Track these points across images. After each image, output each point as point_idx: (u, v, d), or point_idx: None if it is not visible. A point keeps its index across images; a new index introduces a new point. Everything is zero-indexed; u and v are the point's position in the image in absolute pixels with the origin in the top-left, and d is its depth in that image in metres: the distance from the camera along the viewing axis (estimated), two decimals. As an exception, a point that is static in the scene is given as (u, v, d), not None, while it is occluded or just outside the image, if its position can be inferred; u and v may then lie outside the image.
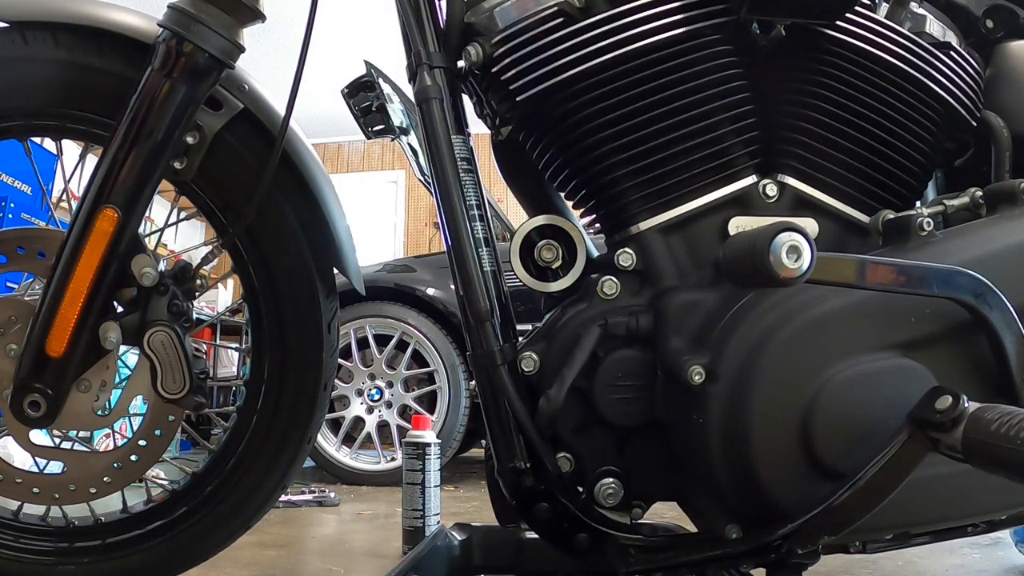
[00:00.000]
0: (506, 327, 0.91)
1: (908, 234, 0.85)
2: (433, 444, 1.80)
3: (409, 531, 1.76)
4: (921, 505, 0.81)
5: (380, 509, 2.51)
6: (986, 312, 0.78)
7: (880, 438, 0.74)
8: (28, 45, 1.04)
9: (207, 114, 1.06)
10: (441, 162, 0.90)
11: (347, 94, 3.25)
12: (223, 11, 1.00)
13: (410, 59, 0.95)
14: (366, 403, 3.21)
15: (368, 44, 4.76)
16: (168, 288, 1.04)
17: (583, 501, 0.89)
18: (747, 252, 0.74)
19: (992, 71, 1.03)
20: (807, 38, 0.90)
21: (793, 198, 0.90)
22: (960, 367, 0.81)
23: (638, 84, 0.87)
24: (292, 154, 1.11)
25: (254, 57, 1.78)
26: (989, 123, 0.99)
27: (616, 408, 0.87)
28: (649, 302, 0.89)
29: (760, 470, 0.78)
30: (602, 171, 0.90)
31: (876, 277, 0.76)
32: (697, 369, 0.80)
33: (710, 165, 0.89)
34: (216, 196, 1.12)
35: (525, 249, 0.94)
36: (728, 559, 0.84)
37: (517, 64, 0.90)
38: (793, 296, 0.80)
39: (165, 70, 0.99)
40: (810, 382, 0.78)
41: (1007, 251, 0.84)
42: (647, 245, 0.89)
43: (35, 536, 1.10)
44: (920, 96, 0.92)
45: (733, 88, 0.89)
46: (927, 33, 0.95)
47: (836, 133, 0.90)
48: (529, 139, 0.96)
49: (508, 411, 0.88)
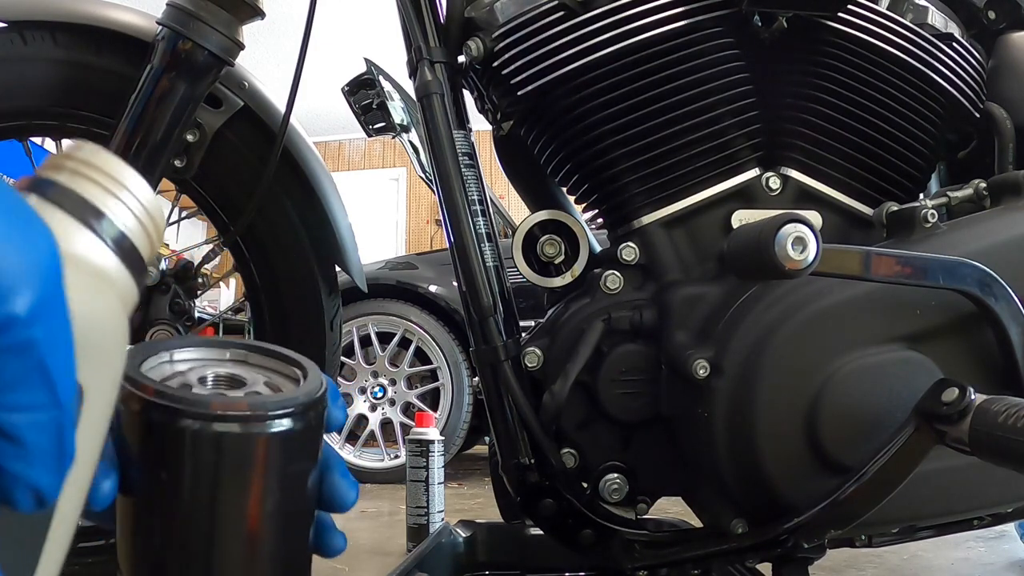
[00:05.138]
0: (509, 323, 0.91)
1: (912, 226, 0.85)
2: (436, 441, 1.80)
3: (413, 528, 1.76)
4: (927, 498, 0.80)
5: (384, 507, 2.51)
6: (991, 303, 0.78)
7: (886, 431, 0.74)
8: (27, 45, 1.04)
9: (207, 112, 1.06)
10: (442, 157, 0.90)
11: (347, 92, 3.25)
12: (223, 8, 1.00)
13: (410, 55, 0.95)
14: (369, 401, 3.22)
15: (368, 41, 4.75)
16: (170, 287, 1.04)
17: (588, 497, 0.88)
18: (752, 244, 0.73)
19: (994, 62, 1.03)
20: (809, 30, 0.90)
21: (796, 191, 0.90)
22: (966, 359, 0.81)
23: (640, 78, 0.87)
24: (293, 151, 1.11)
25: (254, 55, 1.77)
26: (992, 115, 0.98)
27: (620, 403, 0.87)
28: (653, 296, 0.88)
29: (766, 464, 0.78)
30: (604, 165, 0.90)
31: (881, 269, 0.76)
32: (702, 363, 0.80)
33: (713, 158, 0.88)
34: (217, 194, 1.12)
35: (527, 244, 0.94)
36: (734, 554, 0.84)
37: (518, 59, 0.90)
38: (798, 288, 0.79)
39: (165, 68, 0.99)
40: (815, 375, 0.78)
41: (1012, 242, 0.84)
42: (650, 239, 0.89)
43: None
44: (923, 88, 0.92)
45: (735, 81, 0.88)
46: (929, 24, 0.95)
47: (839, 125, 0.90)
48: (530, 134, 0.96)
49: (512, 407, 0.88)
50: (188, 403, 0.37)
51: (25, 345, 0.25)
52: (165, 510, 0.39)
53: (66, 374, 0.27)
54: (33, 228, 0.26)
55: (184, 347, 0.44)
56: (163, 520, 0.39)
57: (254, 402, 0.39)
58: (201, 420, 0.37)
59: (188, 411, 0.37)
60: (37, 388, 0.26)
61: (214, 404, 0.38)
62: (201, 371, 0.43)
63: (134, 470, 0.38)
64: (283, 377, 0.45)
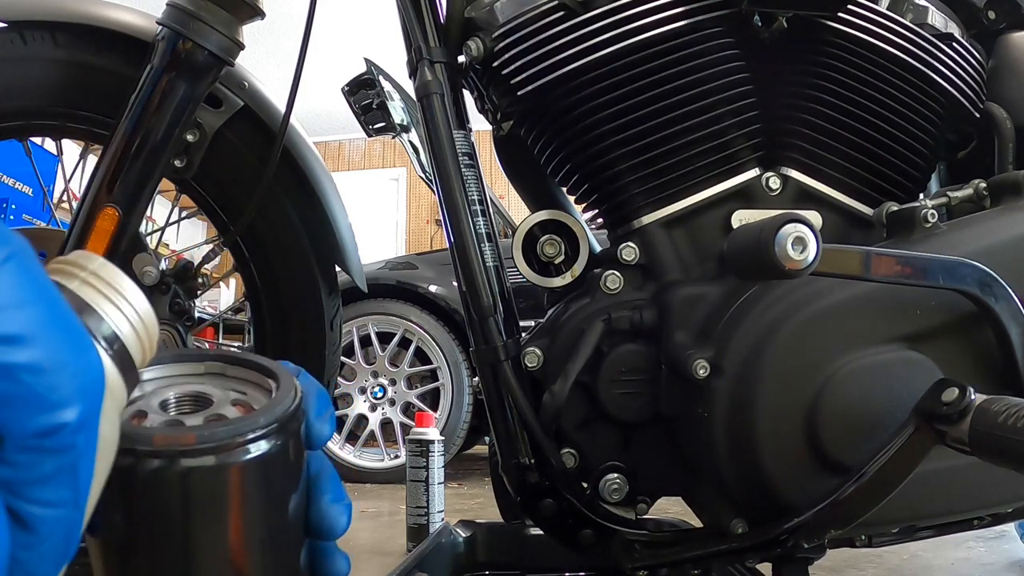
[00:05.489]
0: (509, 323, 0.91)
1: (912, 226, 0.85)
2: (436, 441, 1.80)
3: (413, 528, 1.76)
4: (928, 498, 0.80)
5: (384, 507, 2.51)
6: (991, 303, 0.77)
7: (886, 431, 0.74)
8: (27, 45, 1.04)
9: (207, 112, 1.06)
10: (442, 157, 0.90)
11: (347, 92, 3.25)
12: (223, 8, 1.00)
13: (410, 55, 0.95)
14: (369, 401, 3.22)
15: (368, 41, 4.75)
16: (170, 287, 1.04)
17: (588, 497, 0.88)
18: (752, 244, 0.73)
19: (994, 63, 1.03)
20: (809, 30, 0.90)
21: (796, 191, 0.90)
22: (966, 359, 0.81)
23: (640, 78, 0.87)
24: (293, 151, 1.11)
25: (254, 55, 1.77)
26: (992, 115, 0.98)
27: (620, 403, 0.87)
28: (653, 296, 0.88)
29: (766, 464, 0.78)
30: (604, 165, 0.90)
31: (881, 269, 0.76)
32: (702, 363, 0.79)
33: (713, 158, 0.88)
34: (217, 194, 1.12)
35: (527, 244, 0.94)
36: (734, 554, 0.84)
37: (518, 59, 0.90)
38: (798, 288, 0.79)
39: (165, 68, 0.99)
40: (815, 375, 0.78)
41: (1012, 242, 0.84)
42: (650, 239, 0.89)
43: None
44: (923, 88, 0.92)
45: (735, 81, 0.88)
46: (929, 24, 0.95)
47: (839, 125, 0.90)
48: (530, 134, 0.96)
49: (512, 407, 0.88)
50: (129, 439, 0.35)
51: (66, 449, 0.29)
52: (119, 550, 0.38)
53: (88, 480, 0.30)
54: (88, 351, 0.30)
55: (156, 364, 0.42)
56: (120, 560, 0.38)
57: (202, 433, 0.36)
58: (138, 457, 0.35)
59: (126, 448, 0.35)
60: (65, 487, 0.29)
61: (156, 439, 0.36)
62: (165, 392, 0.41)
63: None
64: (259, 390, 0.42)
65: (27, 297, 0.27)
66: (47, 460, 0.28)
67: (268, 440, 0.37)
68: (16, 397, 0.27)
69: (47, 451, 0.28)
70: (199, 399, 0.41)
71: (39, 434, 0.28)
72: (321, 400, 0.42)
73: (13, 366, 0.27)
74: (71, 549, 0.30)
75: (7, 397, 0.27)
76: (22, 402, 0.27)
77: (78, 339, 0.29)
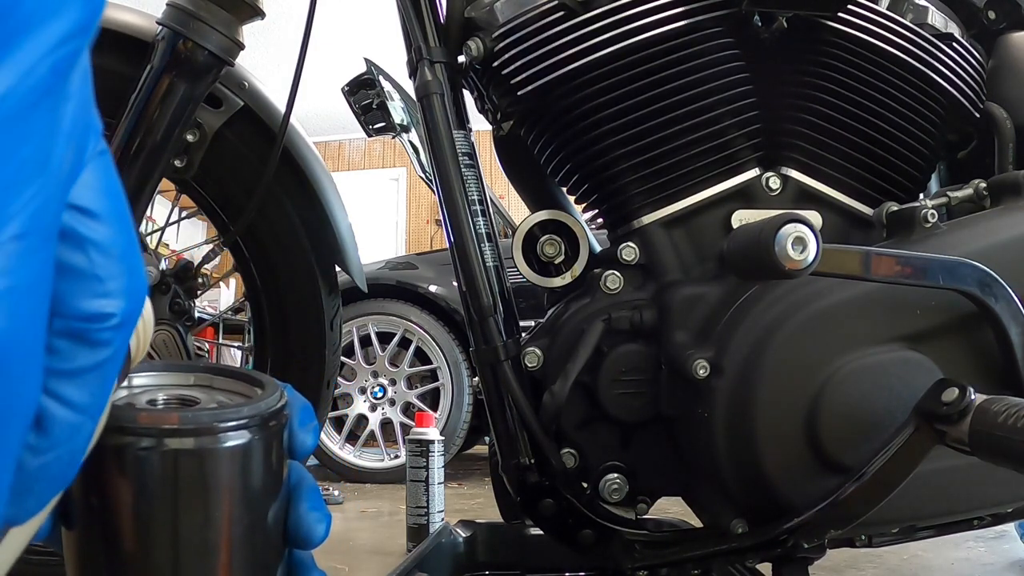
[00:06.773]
0: (509, 323, 0.91)
1: (912, 226, 0.85)
2: (436, 441, 1.80)
3: (413, 528, 1.76)
4: (928, 498, 0.80)
5: (384, 507, 2.52)
6: (991, 303, 0.77)
7: (886, 431, 0.74)
8: (27, 44, 1.03)
9: (207, 112, 1.06)
10: (442, 157, 0.90)
11: (347, 92, 3.25)
12: (223, 8, 1.00)
13: (410, 54, 0.95)
14: (369, 401, 3.22)
15: (368, 41, 4.75)
16: (170, 287, 1.04)
17: (588, 497, 0.88)
18: (752, 244, 0.73)
19: (994, 63, 1.03)
20: (809, 30, 0.90)
21: (796, 191, 0.90)
22: (966, 359, 0.81)
23: (640, 78, 0.87)
24: (293, 151, 1.11)
25: (254, 55, 1.77)
26: (992, 115, 0.98)
27: (620, 403, 0.87)
28: (653, 296, 0.88)
29: (766, 464, 0.78)
30: (604, 165, 0.90)
31: (881, 269, 0.76)
32: (702, 363, 0.80)
33: (713, 158, 0.88)
34: (217, 194, 1.12)
35: (527, 244, 0.94)
36: (734, 554, 0.84)
37: (518, 59, 0.90)
38: (798, 288, 0.79)
39: (165, 68, 0.99)
40: (815, 375, 0.78)
41: (1012, 242, 0.84)
42: (650, 239, 0.89)
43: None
44: (923, 88, 0.92)
45: (735, 81, 0.88)
46: (929, 24, 0.95)
47: (839, 125, 0.90)
48: (530, 134, 0.96)
49: (512, 407, 0.88)
50: (115, 417, 0.35)
51: (103, 344, 0.29)
52: (97, 536, 0.37)
53: (107, 394, 0.31)
54: (139, 257, 0.30)
55: (146, 370, 0.42)
56: (98, 546, 0.37)
57: (186, 415, 0.37)
58: (124, 433, 0.35)
59: (111, 426, 0.35)
60: (90, 390, 0.29)
61: (141, 417, 0.36)
62: (154, 393, 0.41)
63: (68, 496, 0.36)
64: (244, 398, 0.42)
65: (111, 187, 0.29)
66: (84, 353, 0.28)
67: (250, 431, 0.37)
68: (79, 271, 0.28)
69: (86, 342, 0.28)
70: (185, 400, 0.42)
71: (87, 317, 0.28)
72: (305, 412, 0.43)
73: (85, 238, 0.28)
74: (71, 472, 0.30)
75: (71, 269, 0.28)
76: (82, 277, 0.28)
77: (135, 244, 0.30)
